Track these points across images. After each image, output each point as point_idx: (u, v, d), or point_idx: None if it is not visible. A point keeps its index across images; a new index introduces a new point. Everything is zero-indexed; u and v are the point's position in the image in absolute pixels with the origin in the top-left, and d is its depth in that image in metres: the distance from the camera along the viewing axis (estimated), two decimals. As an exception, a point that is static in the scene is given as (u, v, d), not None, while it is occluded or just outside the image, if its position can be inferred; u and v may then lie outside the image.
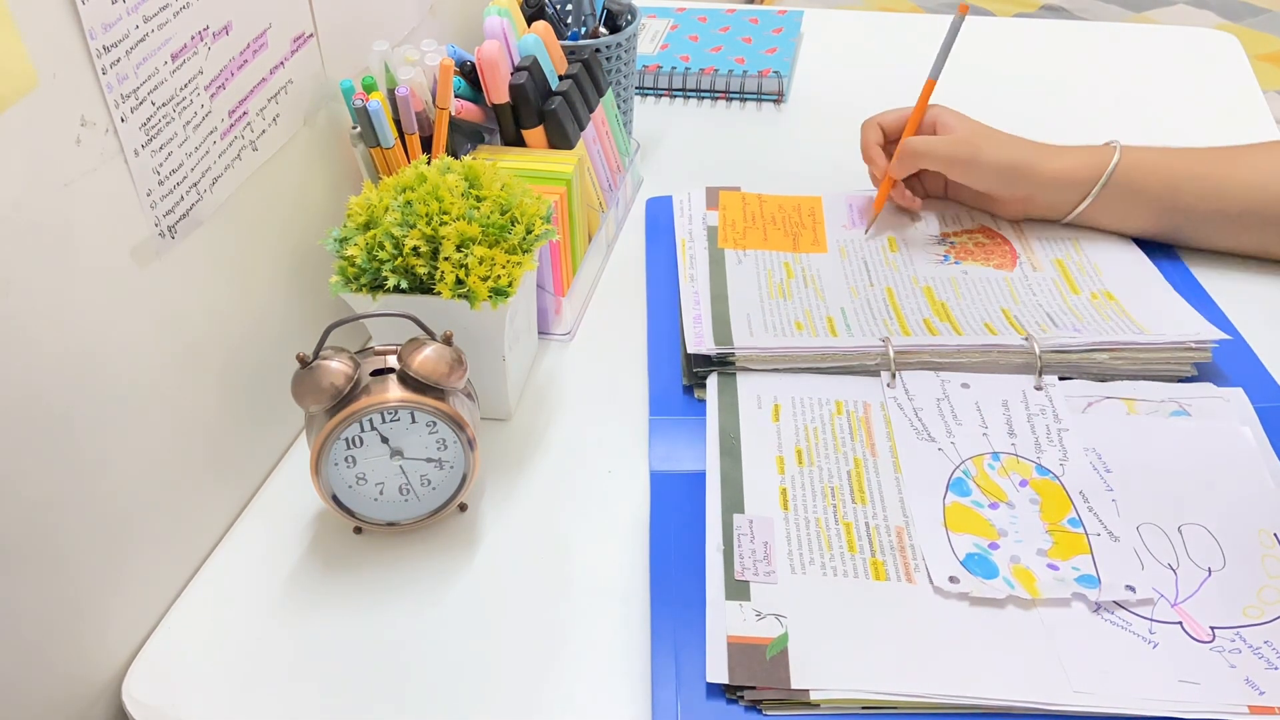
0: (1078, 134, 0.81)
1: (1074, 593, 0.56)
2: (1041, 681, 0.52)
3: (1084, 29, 1.22)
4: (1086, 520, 0.60)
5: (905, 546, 0.59)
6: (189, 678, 0.56)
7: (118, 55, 0.49)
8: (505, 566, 0.61)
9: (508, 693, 0.54)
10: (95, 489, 0.53)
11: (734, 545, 0.58)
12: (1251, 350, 0.72)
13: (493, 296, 0.61)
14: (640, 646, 0.56)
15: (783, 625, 0.54)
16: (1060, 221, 0.82)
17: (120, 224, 0.52)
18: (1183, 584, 0.56)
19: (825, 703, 0.51)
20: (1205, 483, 0.62)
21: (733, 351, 0.70)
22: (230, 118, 0.59)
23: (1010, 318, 0.74)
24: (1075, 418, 0.66)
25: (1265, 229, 0.78)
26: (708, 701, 0.52)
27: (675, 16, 1.20)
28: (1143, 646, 0.53)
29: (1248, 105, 1.05)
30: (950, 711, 0.51)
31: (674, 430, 0.68)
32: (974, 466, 0.64)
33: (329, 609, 0.59)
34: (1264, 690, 0.51)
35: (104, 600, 0.55)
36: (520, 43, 0.79)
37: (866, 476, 0.63)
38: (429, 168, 0.66)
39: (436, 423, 0.58)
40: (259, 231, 0.64)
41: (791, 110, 1.06)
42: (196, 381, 0.60)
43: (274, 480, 0.68)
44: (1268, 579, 0.56)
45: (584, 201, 0.80)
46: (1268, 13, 2.48)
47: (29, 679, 0.51)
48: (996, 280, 0.79)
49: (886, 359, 0.69)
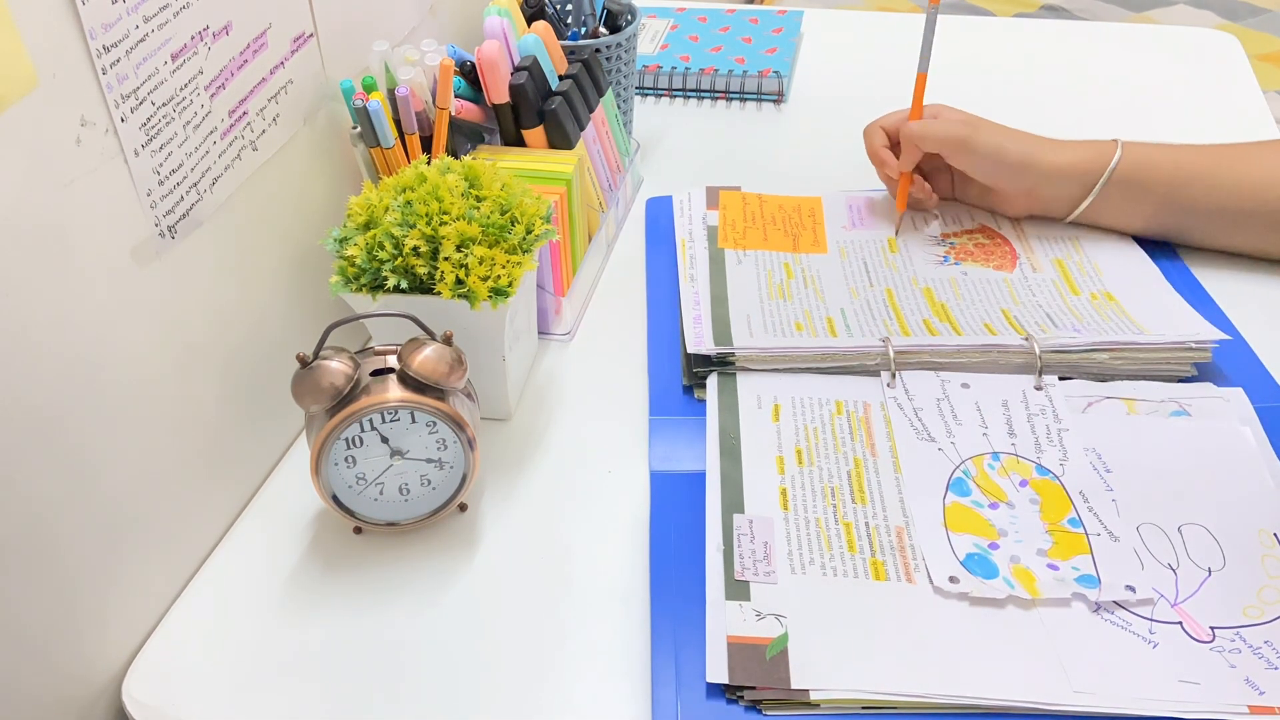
0: (1078, 134, 0.81)
1: (1074, 593, 0.56)
2: (1041, 681, 0.52)
3: (1084, 29, 1.22)
4: (1086, 520, 0.60)
5: (905, 546, 0.59)
6: (189, 678, 0.56)
7: (118, 55, 0.49)
8: (505, 566, 0.61)
9: (507, 692, 0.54)
10: (95, 489, 0.53)
11: (734, 545, 0.58)
12: (1251, 350, 0.72)
13: (493, 296, 0.61)
14: (640, 646, 0.56)
15: (783, 625, 0.54)
16: (1063, 220, 0.82)
17: (120, 224, 0.52)
18: (1183, 584, 0.56)
19: (825, 703, 0.51)
20: (1205, 483, 0.62)
21: (732, 351, 0.70)
22: (230, 118, 0.59)
23: (1010, 318, 0.74)
24: (1075, 418, 0.66)
25: (1269, 228, 0.78)
26: (707, 701, 0.52)
27: (675, 16, 1.20)
28: (1143, 646, 0.53)
29: (1248, 105, 1.05)
30: (950, 711, 0.51)
31: (674, 430, 0.68)
32: (974, 466, 0.64)
33: (329, 609, 0.59)
34: (1264, 690, 0.51)
35: (104, 600, 0.55)
36: (520, 43, 0.79)
37: (866, 476, 0.63)
38: (429, 168, 0.66)
39: (436, 423, 0.58)
40: (259, 231, 0.64)
41: (791, 110, 1.06)
42: (196, 381, 0.60)
43: (274, 480, 0.68)
44: (1268, 579, 0.56)
45: (584, 201, 0.80)
46: (1268, 13, 2.47)
47: (29, 679, 0.51)
48: (996, 281, 0.79)
49: (886, 359, 0.69)
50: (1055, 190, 0.80)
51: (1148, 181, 0.77)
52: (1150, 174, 0.77)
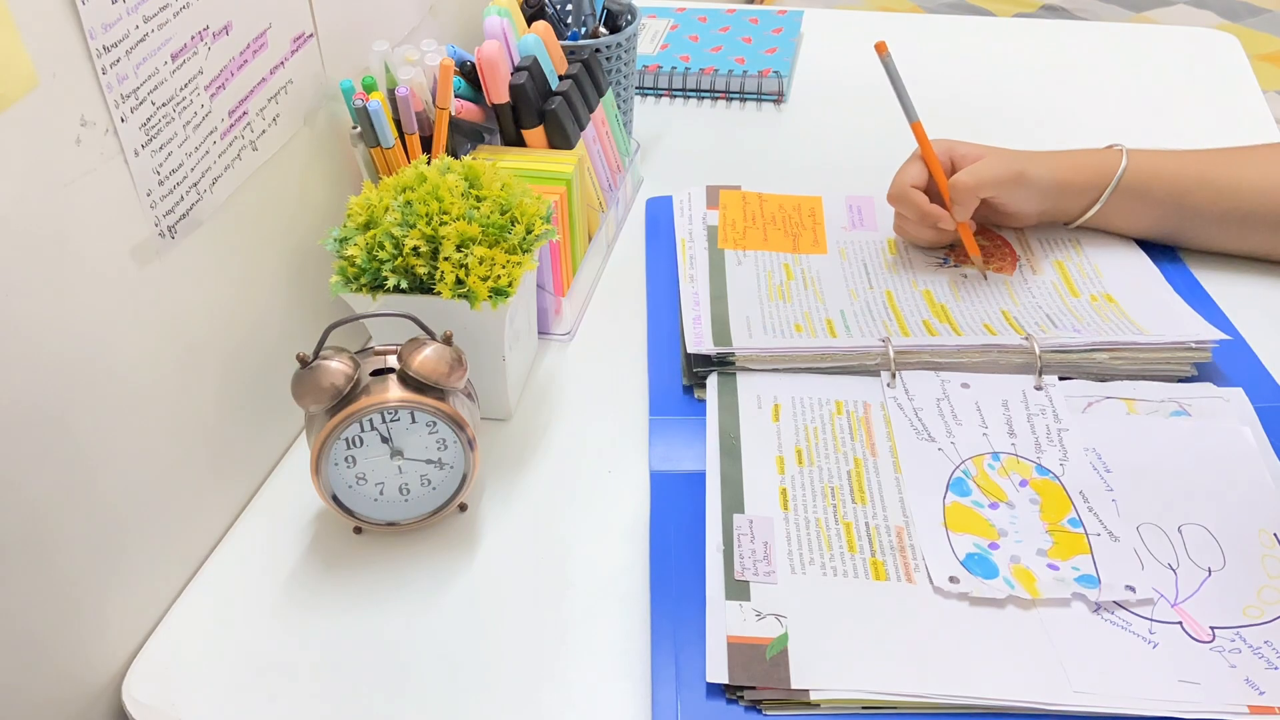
0: (1078, 134, 0.81)
1: (1074, 593, 0.56)
2: (1041, 681, 0.52)
3: (1084, 29, 1.22)
4: (1086, 520, 0.60)
5: (905, 546, 0.59)
6: (189, 678, 0.56)
7: (118, 55, 0.49)
8: (505, 566, 0.61)
9: (507, 692, 0.54)
10: (95, 489, 0.53)
11: (734, 545, 0.58)
12: (1252, 350, 0.72)
13: (493, 296, 0.61)
14: (640, 646, 0.56)
15: (783, 625, 0.54)
16: (1069, 226, 0.82)
17: (120, 224, 0.52)
18: (1183, 584, 0.56)
19: (825, 703, 0.51)
20: (1205, 483, 0.62)
21: (732, 351, 0.70)
22: (230, 118, 0.59)
23: (1010, 319, 0.74)
24: (1075, 418, 0.66)
25: (1272, 230, 0.78)
26: (708, 701, 0.52)
27: (675, 16, 1.20)
28: (1143, 647, 0.53)
29: (1248, 105, 1.05)
30: (950, 711, 0.51)
31: (674, 430, 0.68)
32: (974, 466, 0.64)
33: (329, 609, 0.59)
34: (1264, 690, 0.51)
35: (104, 600, 0.55)
36: (520, 43, 0.79)
37: (866, 476, 0.63)
38: (429, 168, 0.66)
39: (436, 423, 0.58)
40: (259, 231, 0.64)
41: (791, 110, 1.06)
42: (196, 382, 0.60)
43: (274, 480, 0.68)
44: (1268, 579, 0.56)
45: (584, 201, 0.80)
46: (1268, 13, 2.48)
47: (29, 679, 0.51)
48: (995, 283, 0.79)
49: (886, 359, 0.69)
50: (1068, 203, 0.80)
51: (1152, 188, 0.77)
52: (1154, 181, 0.77)
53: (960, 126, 1.01)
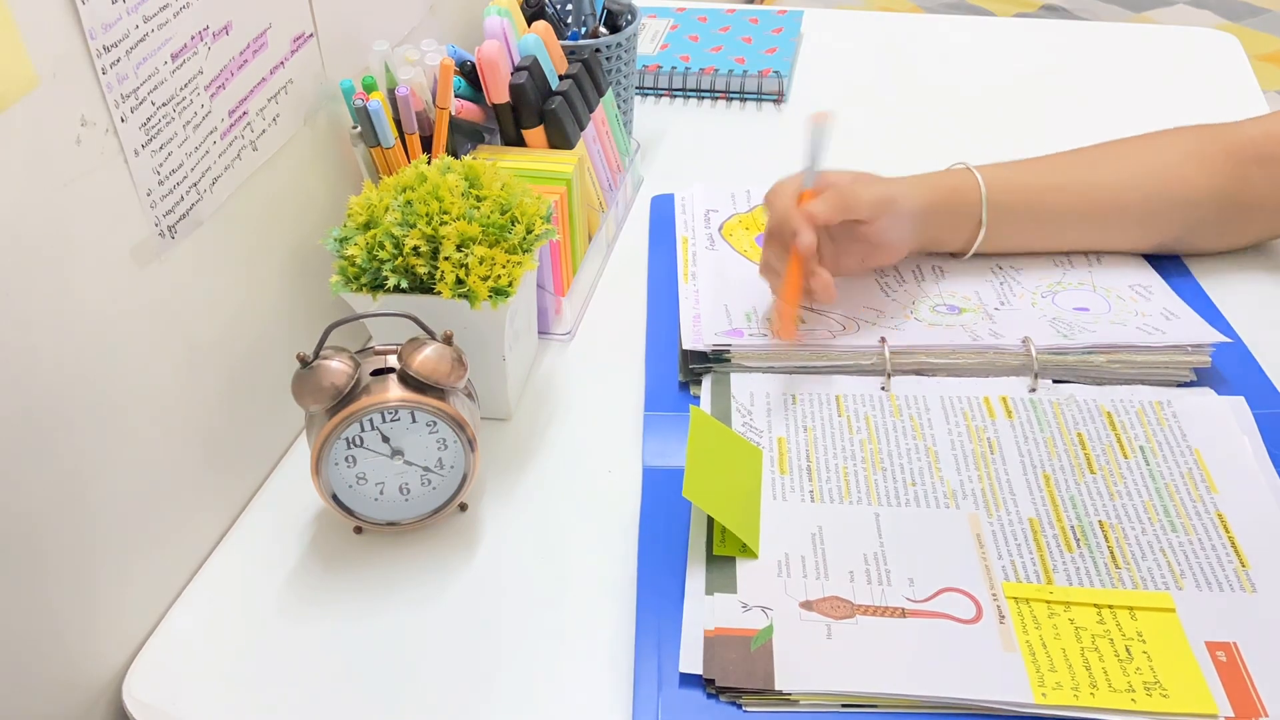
0: (1078, 134, 0.81)
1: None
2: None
3: (1084, 29, 1.22)
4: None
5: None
6: (189, 678, 0.56)
7: (118, 55, 0.49)
8: (505, 566, 0.61)
9: (507, 692, 0.54)
10: (95, 488, 0.53)
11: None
12: (1252, 355, 0.71)
13: (493, 296, 0.61)
14: (631, 642, 0.56)
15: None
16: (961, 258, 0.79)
17: (120, 224, 0.52)
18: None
19: (804, 699, 0.51)
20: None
21: (729, 347, 0.70)
22: (230, 118, 0.59)
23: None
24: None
25: (1135, 224, 0.77)
26: (689, 696, 0.52)
27: (675, 16, 1.20)
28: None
29: (1248, 105, 1.05)
30: (929, 710, 0.51)
31: (668, 426, 0.68)
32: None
33: (329, 609, 0.59)
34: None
35: (104, 600, 0.55)
36: (520, 43, 0.79)
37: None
38: (429, 168, 0.66)
39: (437, 422, 0.59)
40: (259, 231, 0.64)
41: (791, 110, 1.06)
42: (196, 381, 0.60)
43: (274, 480, 0.68)
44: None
45: (584, 201, 0.80)
46: (1268, 13, 2.48)
47: (29, 679, 0.51)
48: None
49: (882, 359, 0.69)
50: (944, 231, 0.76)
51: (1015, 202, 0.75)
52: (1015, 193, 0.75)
53: (960, 126, 1.02)
